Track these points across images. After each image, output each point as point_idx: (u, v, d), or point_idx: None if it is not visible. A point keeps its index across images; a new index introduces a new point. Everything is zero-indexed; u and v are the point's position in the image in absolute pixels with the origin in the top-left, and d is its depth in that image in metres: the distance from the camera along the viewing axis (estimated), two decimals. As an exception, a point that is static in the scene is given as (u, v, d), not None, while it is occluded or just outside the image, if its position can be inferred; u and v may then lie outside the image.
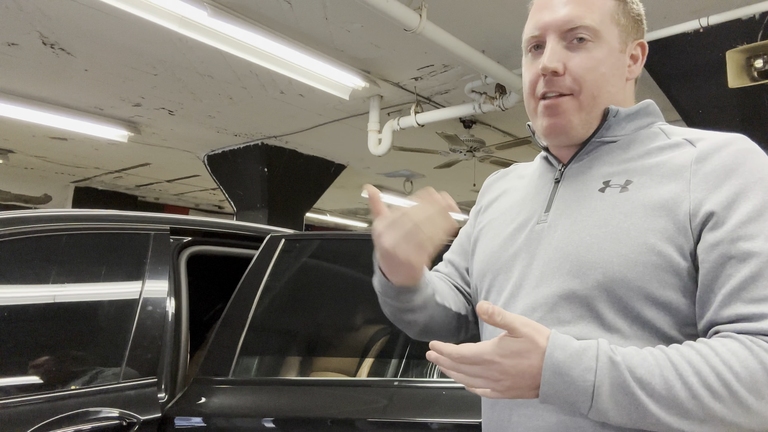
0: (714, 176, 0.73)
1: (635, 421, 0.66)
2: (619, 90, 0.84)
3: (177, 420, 1.35)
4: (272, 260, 1.64)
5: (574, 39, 0.81)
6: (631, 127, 0.85)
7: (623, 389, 0.65)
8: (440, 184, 7.44)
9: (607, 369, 0.66)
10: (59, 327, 1.40)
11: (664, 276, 0.72)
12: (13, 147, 6.21)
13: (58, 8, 3.14)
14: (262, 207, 5.77)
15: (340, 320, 1.78)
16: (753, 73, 2.68)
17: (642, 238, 0.73)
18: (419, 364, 1.63)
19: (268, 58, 3.49)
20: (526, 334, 0.68)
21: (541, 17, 0.83)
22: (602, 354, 0.67)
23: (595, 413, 0.66)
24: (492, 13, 3.10)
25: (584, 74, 0.80)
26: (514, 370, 0.67)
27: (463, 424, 1.31)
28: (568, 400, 0.67)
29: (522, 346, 0.68)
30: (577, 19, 0.80)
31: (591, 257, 0.75)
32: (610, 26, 0.83)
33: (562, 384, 0.66)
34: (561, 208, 0.83)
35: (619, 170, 0.81)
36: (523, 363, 0.67)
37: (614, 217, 0.76)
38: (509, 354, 0.68)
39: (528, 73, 0.86)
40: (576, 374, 0.66)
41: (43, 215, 1.49)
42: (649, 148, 0.82)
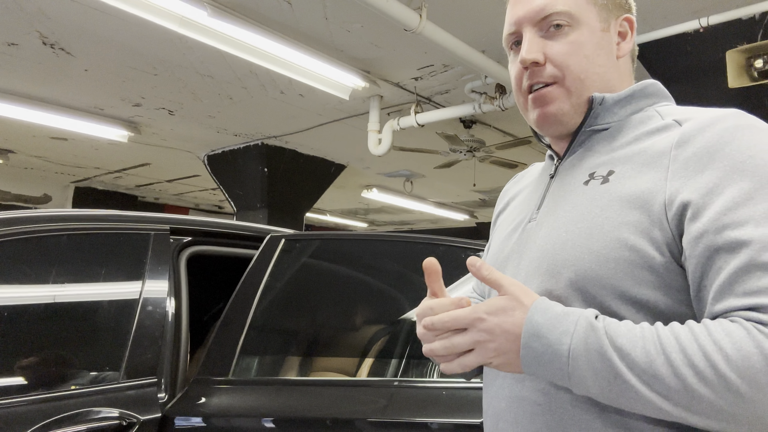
0: (695, 161, 0.67)
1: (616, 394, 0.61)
2: (609, 69, 0.81)
3: (177, 420, 1.35)
4: (272, 260, 1.64)
5: (550, 27, 0.79)
6: (625, 112, 0.80)
7: (600, 355, 0.61)
8: (440, 184, 7.44)
9: (584, 332, 0.63)
10: (59, 327, 1.40)
11: (637, 273, 0.67)
12: (13, 147, 6.21)
13: (58, 8, 3.14)
14: (262, 207, 5.77)
15: (340, 320, 1.78)
16: (753, 73, 2.68)
17: (615, 232, 0.68)
18: (419, 364, 1.63)
19: (268, 58, 3.49)
20: (512, 292, 0.68)
21: (515, 12, 0.82)
22: (582, 318, 0.64)
23: (576, 381, 0.63)
24: (492, 13, 3.10)
25: (565, 59, 0.78)
26: (499, 329, 0.66)
27: (463, 424, 1.31)
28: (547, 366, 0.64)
29: (507, 303, 0.67)
30: (548, 7, 0.78)
31: (564, 255, 0.72)
32: (587, 7, 0.80)
33: (540, 347, 0.64)
34: (549, 204, 0.81)
35: (605, 160, 0.77)
36: (508, 320, 0.66)
37: (590, 212, 0.72)
38: (495, 310, 0.67)
39: (513, 70, 0.84)
40: (553, 337, 0.64)
41: (43, 215, 1.49)
42: (638, 134, 0.76)
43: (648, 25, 3.12)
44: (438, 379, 1.55)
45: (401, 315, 1.73)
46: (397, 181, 7.30)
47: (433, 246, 1.73)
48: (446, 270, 1.74)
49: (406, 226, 11.49)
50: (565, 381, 0.64)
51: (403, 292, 1.78)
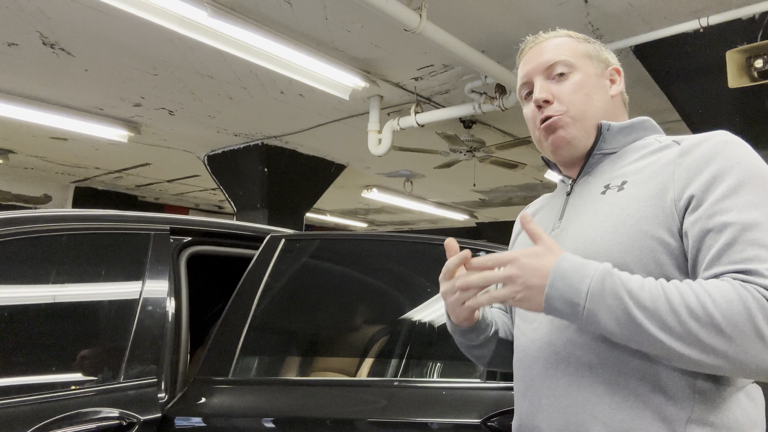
0: (695, 165, 0.84)
1: (622, 325, 0.75)
2: (605, 105, 1.00)
3: (177, 420, 1.35)
4: (272, 260, 1.64)
5: (555, 75, 0.99)
6: (627, 140, 0.99)
7: (614, 293, 0.76)
8: (440, 184, 7.44)
9: (602, 276, 0.77)
10: (59, 327, 1.40)
11: (659, 256, 0.82)
12: (13, 147, 6.21)
13: (58, 8, 3.14)
14: (262, 207, 5.77)
15: (340, 320, 1.78)
16: (753, 73, 2.68)
17: (636, 225, 0.84)
18: (419, 364, 1.63)
19: (268, 58, 3.49)
20: (546, 243, 0.83)
21: (525, 68, 1.03)
22: (602, 267, 0.79)
23: (588, 316, 0.77)
24: (492, 13, 3.10)
25: (569, 96, 0.97)
26: (529, 267, 0.80)
27: (463, 424, 1.31)
28: (566, 303, 0.78)
29: (540, 250, 0.82)
30: (552, 58, 0.99)
31: (594, 248, 0.86)
32: (583, 59, 1.00)
33: (563, 286, 0.78)
34: (571, 214, 0.97)
35: (617, 175, 0.94)
36: (537, 261, 0.81)
37: (613, 212, 0.88)
38: (529, 254, 0.82)
39: (528, 113, 1.03)
40: (576, 279, 0.78)
41: (43, 215, 1.49)
42: (643, 153, 0.94)
43: (648, 25, 3.12)
44: (438, 379, 1.55)
45: (401, 315, 1.73)
46: (397, 181, 7.30)
47: (433, 246, 1.73)
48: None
49: (406, 226, 11.49)
50: (578, 317, 0.78)
51: (403, 292, 1.78)
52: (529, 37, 1.08)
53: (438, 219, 10.39)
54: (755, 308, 0.71)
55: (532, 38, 1.06)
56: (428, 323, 1.66)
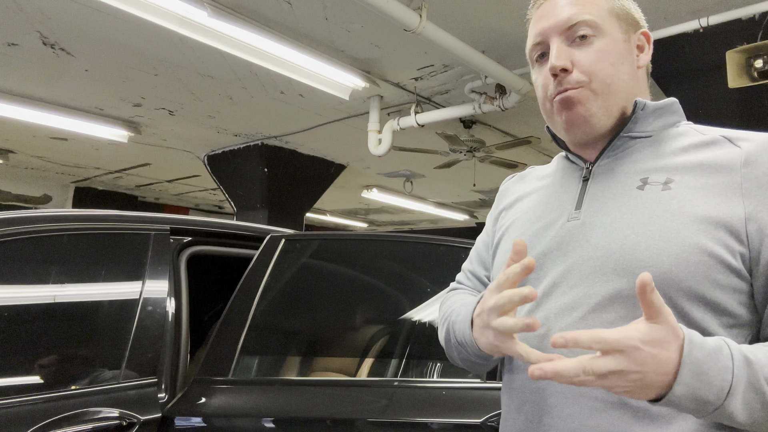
0: (766, 180, 0.72)
1: (755, 420, 0.64)
2: (631, 78, 0.84)
3: (177, 420, 1.35)
4: (272, 260, 1.64)
5: (576, 37, 0.82)
6: (659, 123, 0.84)
7: (755, 388, 0.63)
8: (440, 184, 7.44)
9: (743, 368, 0.63)
10: (59, 327, 1.40)
11: (714, 276, 0.70)
12: (13, 147, 6.21)
13: (58, 8, 3.14)
14: (262, 207, 5.77)
15: (340, 320, 1.78)
16: (753, 73, 2.68)
17: (693, 238, 0.71)
18: (419, 364, 1.63)
19: (268, 58, 3.49)
20: (670, 322, 0.62)
21: (540, 25, 0.85)
22: (736, 352, 0.64)
23: (721, 413, 0.63)
24: (492, 13, 3.10)
25: (592, 65, 0.81)
26: (653, 361, 0.61)
27: (463, 424, 1.31)
28: (699, 400, 0.62)
29: (664, 335, 0.62)
30: (575, 16, 0.82)
31: (639, 256, 0.72)
32: (610, 19, 0.84)
33: (698, 384, 0.62)
34: (595, 205, 0.81)
35: (655, 167, 0.80)
36: (663, 354, 0.61)
37: (660, 216, 0.74)
38: (652, 341, 0.61)
39: (539, 79, 0.87)
40: (713, 373, 0.62)
41: (43, 215, 1.49)
42: (685, 145, 0.80)
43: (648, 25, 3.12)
44: (438, 379, 1.55)
45: (401, 315, 1.73)
46: (397, 181, 7.30)
47: (433, 246, 1.73)
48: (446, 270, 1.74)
49: (406, 226, 11.49)
50: (703, 412, 0.63)
51: (403, 292, 1.78)
52: None
53: (438, 219, 10.39)
54: None
55: None
56: (428, 323, 1.66)
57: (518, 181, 1.02)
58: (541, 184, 0.95)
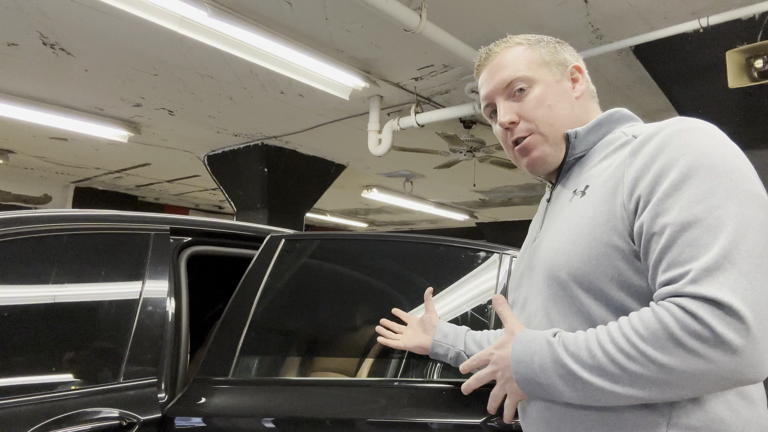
0: (642, 163, 0.80)
1: (580, 392, 0.76)
2: (571, 110, 0.97)
3: (177, 420, 1.35)
4: (272, 260, 1.64)
5: (515, 91, 0.97)
6: (595, 138, 0.95)
7: (559, 363, 0.78)
8: (440, 185, 7.44)
9: (546, 348, 0.80)
10: (59, 327, 1.40)
11: (616, 263, 0.80)
12: (13, 147, 6.20)
13: (58, 8, 3.14)
14: (262, 207, 5.77)
15: (340, 320, 1.78)
16: (753, 73, 2.68)
17: (592, 234, 0.82)
18: (419, 364, 1.63)
19: (268, 58, 3.49)
20: (509, 327, 0.89)
21: (484, 90, 1.01)
22: (542, 338, 0.81)
23: (553, 391, 0.79)
24: (492, 14, 3.10)
25: (533, 113, 0.95)
26: (500, 360, 0.86)
27: (463, 424, 1.31)
28: (532, 383, 0.81)
29: (505, 338, 0.88)
30: (508, 76, 0.97)
31: (558, 260, 0.86)
32: (539, 68, 0.97)
33: (522, 369, 0.82)
34: (548, 223, 0.97)
35: (582, 179, 0.92)
36: (504, 352, 0.86)
37: (573, 221, 0.87)
38: (498, 345, 0.88)
39: (497, 132, 1.02)
40: (527, 358, 0.82)
41: (43, 215, 1.49)
42: (607, 152, 0.91)
43: (648, 25, 3.12)
44: (438, 379, 1.55)
45: (401, 315, 1.73)
46: (397, 181, 7.30)
47: (433, 246, 1.73)
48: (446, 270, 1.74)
49: (406, 226, 11.49)
50: (550, 393, 0.80)
51: (403, 292, 1.78)
52: (482, 50, 1.04)
53: (438, 219, 10.39)
54: (674, 326, 0.69)
55: (485, 51, 1.03)
56: (428, 323, 1.65)
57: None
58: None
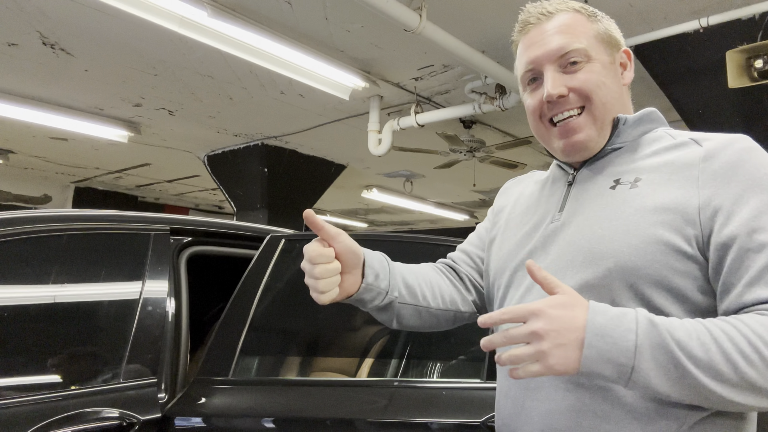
0: (722, 173, 0.78)
1: (674, 381, 0.68)
2: (619, 97, 0.91)
3: (177, 420, 1.35)
4: (272, 260, 1.64)
5: (568, 64, 0.88)
6: (636, 132, 0.91)
7: (663, 348, 0.68)
8: (440, 185, 7.44)
9: (647, 329, 0.69)
10: (59, 327, 1.40)
11: (673, 263, 0.76)
12: (13, 147, 6.20)
13: (58, 8, 3.14)
14: (262, 207, 5.77)
15: (340, 320, 1.78)
16: (753, 73, 2.68)
17: (651, 229, 0.77)
18: (419, 364, 1.63)
19: (268, 58, 3.49)
20: (569, 292, 0.72)
21: (531, 53, 0.90)
22: (641, 317, 0.70)
23: (638, 376, 0.68)
24: (492, 13, 3.10)
25: (589, 87, 0.87)
26: (559, 322, 0.69)
27: (463, 424, 1.31)
28: (611, 363, 0.68)
29: (567, 300, 0.71)
30: (566, 45, 0.88)
31: (601, 248, 0.80)
32: (597, 45, 0.90)
33: (604, 345, 0.68)
34: (574, 206, 0.89)
35: (628, 169, 0.87)
36: (569, 313, 0.69)
37: (624, 211, 0.81)
38: (555, 304, 0.70)
39: (531, 103, 0.92)
40: (617, 334, 0.68)
41: (43, 215, 1.49)
42: (656, 149, 0.87)
43: (648, 25, 3.12)
44: (438, 379, 1.55)
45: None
46: (397, 181, 7.30)
47: (433, 246, 1.73)
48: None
49: (406, 226, 11.49)
50: (623, 377, 0.68)
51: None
52: (530, 5, 0.93)
53: (438, 219, 10.39)
54: None
55: (535, 9, 0.92)
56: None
57: (518, 184, 1.11)
58: (535, 189, 1.03)
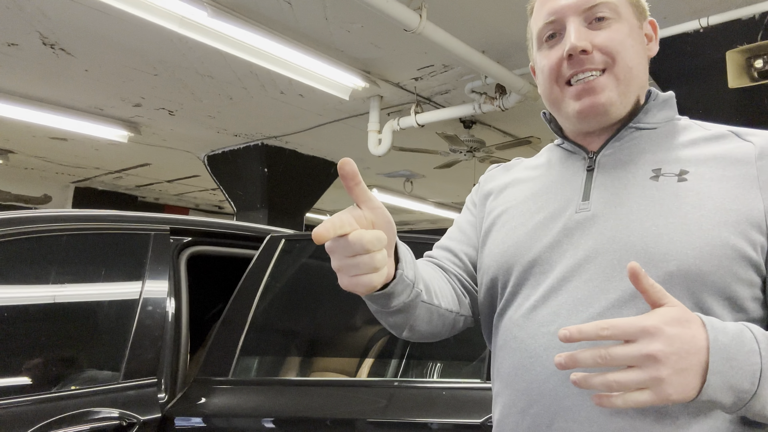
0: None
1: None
2: (645, 66, 0.82)
3: (177, 420, 1.35)
4: (272, 260, 1.64)
5: (594, 19, 0.78)
6: (663, 115, 0.82)
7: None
8: (440, 184, 7.44)
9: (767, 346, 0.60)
10: (59, 327, 1.40)
11: (736, 270, 0.68)
12: (13, 147, 6.20)
13: (58, 8, 3.14)
14: (262, 207, 5.77)
15: (340, 320, 1.78)
16: (753, 73, 2.68)
17: (715, 230, 0.68)
18: (419, 364, 1.63)
19: (268, 58, 3.49)
20: (678, 304, 0.60)
21: (555, 2, 0.80)
22: (759, 335, 0.61)
23: (755, 402, 0.59)
24: (492, 13, 3.10)
25: (615, 47, 0.77)
26: (680, 343, 0.57)
27: (463, 424, 1.31)
28: (734, 389, 0.58)
29: (681, 314, 0.59)
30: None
31: (662, 248, 0.69)
32: (627, 4, 0.80)
33: (731, 371, 0.58)
34: (605, 196, 0.77)
35: (667, 158, 0.77)
36: (687, 332, 0.58)
37: (680, 208, 0.71)
38: (671, 321, 0.58)
39: (547, 61, 0.81)
40: (742, 357, 0.59)
41: (43, 215, 1.49)
42: (694, 138, 0.79)
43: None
44: (438, 379, 1.55)
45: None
46: (397, 181, 7.30)
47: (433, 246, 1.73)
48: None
49: (406, 226, 11.49)
50: (740, 403, 0.59)
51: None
52: None
53: (438, 219, 10.39)
54: None
55: None
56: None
57: (505, 171, 0.98)
58: (534, 174, 0.90)
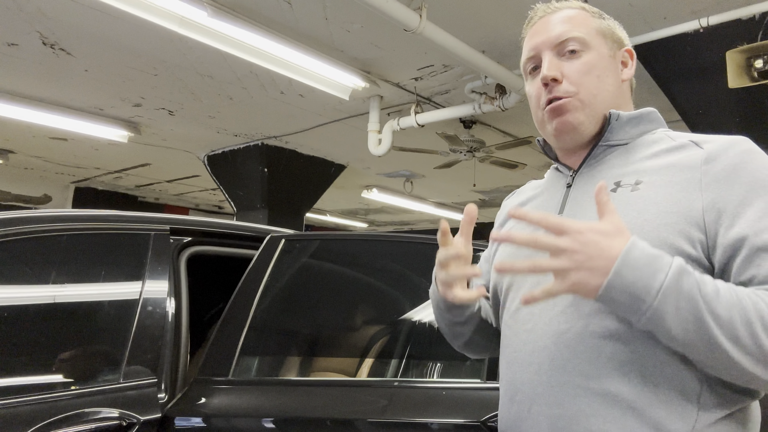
0: (724, 175, 0.79)
1: (690, 332, 0.69)
2: (615, 90, 0.93)
3: (177, 420, 1.35)
4: (272, 260, 1.64)
5: (566, 51, 0.91)
6: (635, 131, 0.91)
7: (689, 298, 0.68)
8: (440, 184, 7.44)
9: (678, 274, 0.69)
10: (59, 327, 1.40)
11: None
12: (13, 147, 6.20)
13: (58, 8, 3.14)
14: (262, 207, 5.77)
15: (340, 320, 1.78)
16: (753, 73, 2.68)
17: (656, 232, 0.77)
18: (419, 364, 1.63)
19: (268, 58, 3.49)
20: (615, 221, 0.72)
21: (534, 40, 0.94)
22: (677, 263, 0.70)
23: (653, 316, 0.69)
24: (492, 13, 3.10)
25: (579, 77, 0.89)
26: (594, 245, 0.70)
27: (463, 424, 1.31)
28: (629, 297, 0.69)
29: (610, 228, 0.72)
30: (565, 33, 0.91)
31: None
32: (596, 37, 0.93)
33: (631, 277, 0.69)
34: (574, 208, 0.89)
35: (628, 171, 0.87)
36: (605, 242, 0.70)
37: (627, 214, 0.80)
38: (597, 230, 0.71)
39: (533, 90, 0.95)
40: (647, 272, 0.69)
41: (43, 215, 1.49)
42: (656, 151, 0.87)
43: (648, 25, 3.12)
44: (438, 379, 1.56)
45: (401, 315, 1.73)
46: (397, 181, 7.30)
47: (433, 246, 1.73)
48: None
49: (406, 226, 11.49)
50: (638, 314, 0.70)
51: (403, 292, 1.78)
52: (539, 5, 0.98)
53: (438, 219, 10.38)
54: None
55: (543, 6, 0.97)
56: (428, 323, 1.66)
57: (515, 195, 1.12)
58: (534, 194, 1.04)
